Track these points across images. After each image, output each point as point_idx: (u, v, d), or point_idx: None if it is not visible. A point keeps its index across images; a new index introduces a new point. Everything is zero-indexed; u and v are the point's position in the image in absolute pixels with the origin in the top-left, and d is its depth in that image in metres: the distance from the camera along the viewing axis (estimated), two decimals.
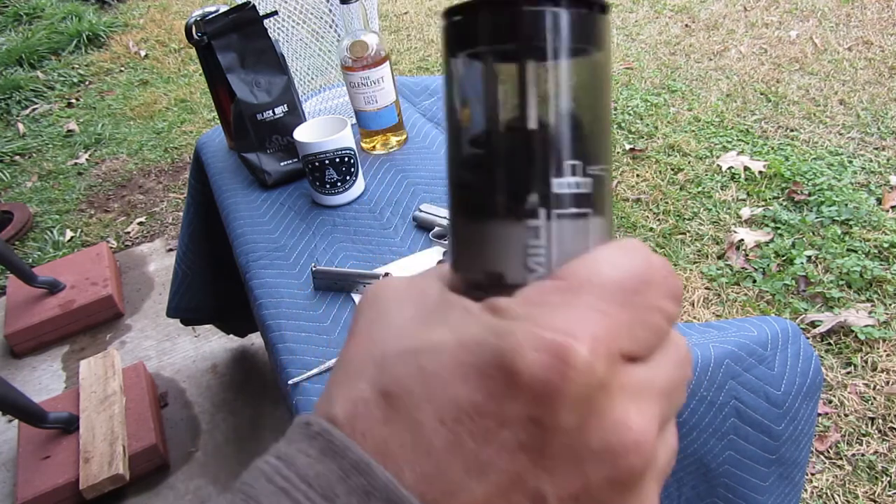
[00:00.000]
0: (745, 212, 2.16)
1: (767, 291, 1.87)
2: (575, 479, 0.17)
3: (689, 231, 2.14)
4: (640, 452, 0.18)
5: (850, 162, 2.31)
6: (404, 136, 1.30)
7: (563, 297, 0.19)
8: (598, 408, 0.17)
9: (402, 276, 0.23)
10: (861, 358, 1.64)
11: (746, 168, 2.34)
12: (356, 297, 0.96)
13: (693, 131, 2.62)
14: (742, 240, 2.04)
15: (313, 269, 0.99)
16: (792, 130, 2.54)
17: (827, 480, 1.42)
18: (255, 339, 2.00)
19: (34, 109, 3.88)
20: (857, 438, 1.49)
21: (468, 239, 0.21)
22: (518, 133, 0.20)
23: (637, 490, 0.18)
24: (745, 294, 1.88)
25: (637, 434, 0.18)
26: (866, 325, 1.70)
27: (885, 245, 1.94)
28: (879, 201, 2.12)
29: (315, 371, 0.86)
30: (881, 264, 1.89)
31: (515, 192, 0.20)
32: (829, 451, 1.47)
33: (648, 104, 2.84)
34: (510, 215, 0.20)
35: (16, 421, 1.79)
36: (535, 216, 0.20)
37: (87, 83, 4.14)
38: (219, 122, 1.43)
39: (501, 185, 0.20)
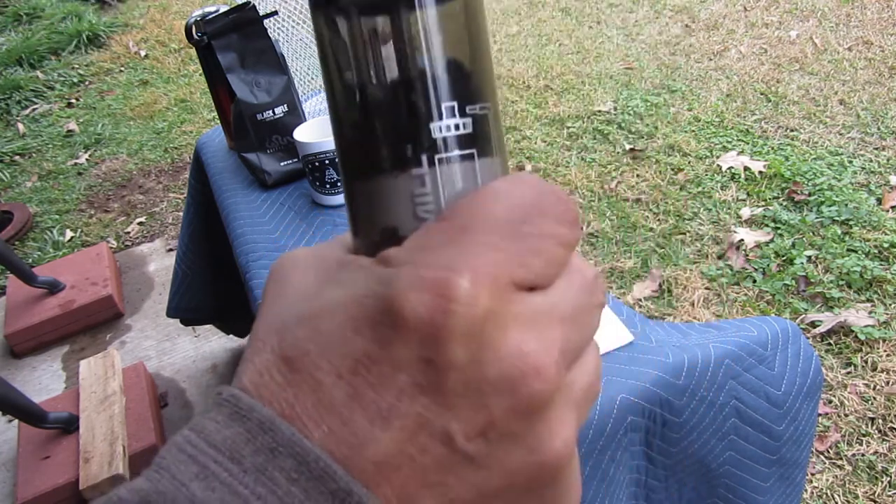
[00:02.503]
0: (745, 212, 2.16)
1: (767, 291, 1.87)
2: (479, 413, 0.17)
3: (689, 231, 2.14)
4: (540, 377, 0.17)
5: (850, 162, 2.31)
6: None
7: (447, 236, 0.18)
8: (489, 339, 0.17)
9: (306, 247, 0.23)
10: (861, 358, 1.64)
11: (746, 168, 2.35)
12: None
13: (693, 131, 2.62)
14: (742, 240, 2.04)
15: None
16: (792, 130, 2.54)
17: (827, 480, 1.42)
18: None
19: (34, 109, 3.88)
20: (857, 438, 1.49)
21: (361, 200, 0.21)
22: (390, 84, 0.20)
23: (545, 416, 0.18)
24: (745, 294, 1.88)
25: (535, 359, 0.17)
26: (866, 325, 1.70)
27: (885, 245, 1.94)
28: (879, 201, 2.12)
29: None
30: (881, 264, 1.89)
31: (396, 144, 0.20)
32: (829, 451, 1.47)
33: (648, 104, 2.84)
34: (395, 168, 0.20)
35: (16, 421, 1.79)
36: (418, 164, 0.20)
37: (87, 83, 4.14)
38: (219, 122, 1.43)
39: (381, 140, 0.20)
